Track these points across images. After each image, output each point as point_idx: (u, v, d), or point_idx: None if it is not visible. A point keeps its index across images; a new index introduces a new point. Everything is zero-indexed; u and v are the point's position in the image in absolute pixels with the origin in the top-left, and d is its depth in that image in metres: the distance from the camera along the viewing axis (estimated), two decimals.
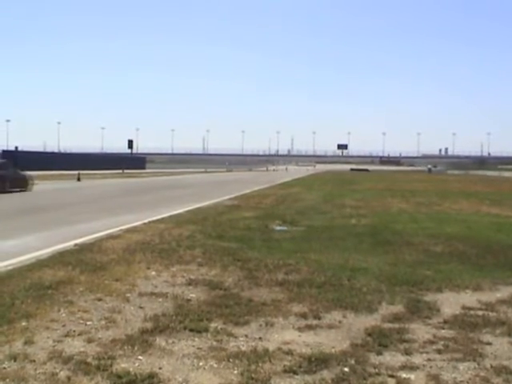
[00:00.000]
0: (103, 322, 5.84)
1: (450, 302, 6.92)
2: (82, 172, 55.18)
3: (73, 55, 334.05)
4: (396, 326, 5.86)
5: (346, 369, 4.61)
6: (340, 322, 6.04)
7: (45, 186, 38.65)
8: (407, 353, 5.05)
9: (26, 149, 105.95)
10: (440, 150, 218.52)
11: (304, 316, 6.18)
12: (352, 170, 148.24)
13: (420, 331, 5.72)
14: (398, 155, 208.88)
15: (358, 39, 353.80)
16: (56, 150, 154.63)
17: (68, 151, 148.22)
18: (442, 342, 5.35)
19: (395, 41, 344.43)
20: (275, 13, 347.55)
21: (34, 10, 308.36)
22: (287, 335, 5.54)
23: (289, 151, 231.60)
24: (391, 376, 4.51)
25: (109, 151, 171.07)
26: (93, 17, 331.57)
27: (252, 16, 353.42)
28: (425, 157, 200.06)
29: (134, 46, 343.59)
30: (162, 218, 16.17)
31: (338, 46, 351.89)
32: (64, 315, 6.03)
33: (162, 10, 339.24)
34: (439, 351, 5.11)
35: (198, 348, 5.09)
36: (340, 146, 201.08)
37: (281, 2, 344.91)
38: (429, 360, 4.89)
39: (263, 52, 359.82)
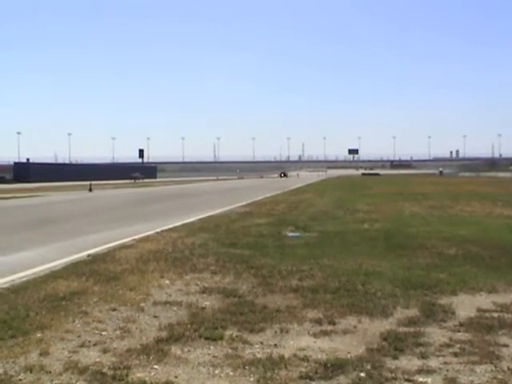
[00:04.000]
0: (118, 332, 5.84)
1: (465, 305, 6.88)
2: (93, 182, 55.45)
3: (82, 66, 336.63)
4: (411, 329, 5.83)
5: (363, 374, 4.60)
6: (355, 327, 6.01)
7: (57, 197, 38.89)
8: (423, 356, 5.02)
9: (37, 160, 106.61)
10: (451, 153, 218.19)
11: (319, 322, 6.16)
12: (363, 174, 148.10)
13: (436, 334, 5.69)
14: (408, 159, 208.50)
15: (367, 43, 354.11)
16: (67, 161, 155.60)
17: (79, 162, 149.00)
18: (458, 345, 5.32)
19: (404, 44, 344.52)
20: (285, 18, 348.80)
21: (42, 21, 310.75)
22: (302, 341, 5.52)
23: (300, 157, 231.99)
24: (408, 380, 4.49)
25: (120, 161, 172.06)
26: (101, 27, 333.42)
27: (262, 21, 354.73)
28: (436, 159, 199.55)
29: (143, 55, 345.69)
30: (175, 227, 16.18)
31: (347, 50, 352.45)
32: (79, 326, 6.04)
33: (170, 18, 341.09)
34: (455, 354, 5.08)
35: (214, 356, 5.09)
36: (351, 151, 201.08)
37: (291, 7, 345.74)
38: (445, 363, 4.86)
39: (273, 58, 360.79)
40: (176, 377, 4.60)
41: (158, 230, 15.30)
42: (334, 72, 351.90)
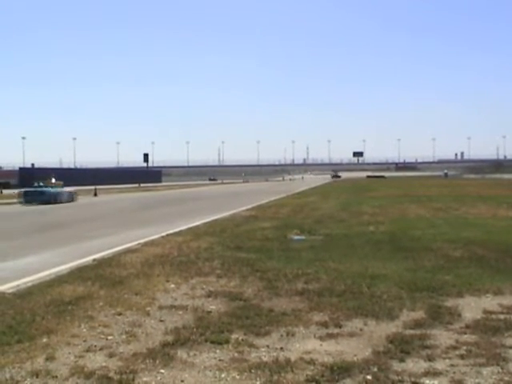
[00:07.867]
0: (124, 337, 5.84)
1: (471, 307, 6.85)
2: (98, 187, 55.49)
3: (87, 71, 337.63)
4: (418, 332, 5.81)
5: (369, 377, 4.58)
6: (361, 329, 5.99)
7: None
8: (430, 359, 5.00)
9: (42, 165, 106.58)
10: (456, 155, 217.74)
11: (325, 325, 6.15)
12: (368, 177, 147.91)
13: (442, 337, 5.67)
14: (413, 161, 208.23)
15: (370, 48, 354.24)
16: (72, 166, 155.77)
17: (84, 166, 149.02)
18: (465, 347, 5.30)
19: (409, 47, 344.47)
20: (289, 25, 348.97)
21: (47, 31, 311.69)
22: (309, 344, 5.50)
23: (304, 160, 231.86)
24: (415, 383, 4.47)
25: (125, 165, 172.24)
26: (106, 33, 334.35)
27: (266, 28, 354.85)
28: (440, 162, 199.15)
29: (147, 60, 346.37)
30: (180, 231, 16.20)
31: (350, 55, 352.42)
32: (85, 330, 6.04)
33: (175, 24, 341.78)
34: (462, 356, 5.06)
35: (220, 360, 5.08)
36: (355, 154, 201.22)
37: (293, 14, 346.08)
38: (452, 366, 4.84)
39: (277, 63, 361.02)
40: (182, 381, 4.59)
41: (164, 234, 15.31)
42: (337, 75, 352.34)
